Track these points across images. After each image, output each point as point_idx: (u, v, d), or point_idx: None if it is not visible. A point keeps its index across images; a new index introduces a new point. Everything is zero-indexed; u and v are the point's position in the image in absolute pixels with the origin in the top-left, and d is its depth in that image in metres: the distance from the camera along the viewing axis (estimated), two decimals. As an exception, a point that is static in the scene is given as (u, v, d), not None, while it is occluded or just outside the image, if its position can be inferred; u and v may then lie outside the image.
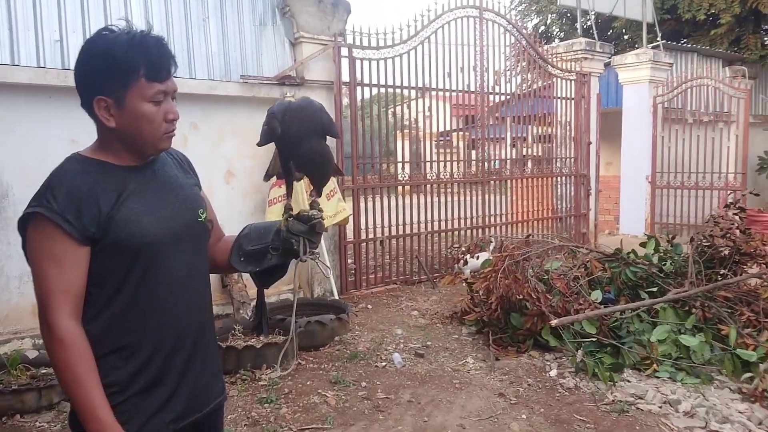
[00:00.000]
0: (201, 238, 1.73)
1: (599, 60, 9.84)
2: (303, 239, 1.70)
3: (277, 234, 1.75)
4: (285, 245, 1.73)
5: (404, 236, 7.62)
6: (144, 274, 1.54)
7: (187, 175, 1.78)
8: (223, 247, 1.85)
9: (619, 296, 5.40)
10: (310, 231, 1.71)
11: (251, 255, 1.77)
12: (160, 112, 1.55)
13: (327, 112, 1.76)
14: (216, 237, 1.88)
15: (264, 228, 1.80)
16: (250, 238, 1.79)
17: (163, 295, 1.58)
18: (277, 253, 1.75)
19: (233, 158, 6.04)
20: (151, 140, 1.57)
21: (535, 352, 5.09)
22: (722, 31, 13.34)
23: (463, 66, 7.90)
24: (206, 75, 5.88)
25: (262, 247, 1.76)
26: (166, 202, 1.62)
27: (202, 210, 1.73)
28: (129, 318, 1.53)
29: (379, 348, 5.25)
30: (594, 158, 9.79)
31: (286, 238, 1.71)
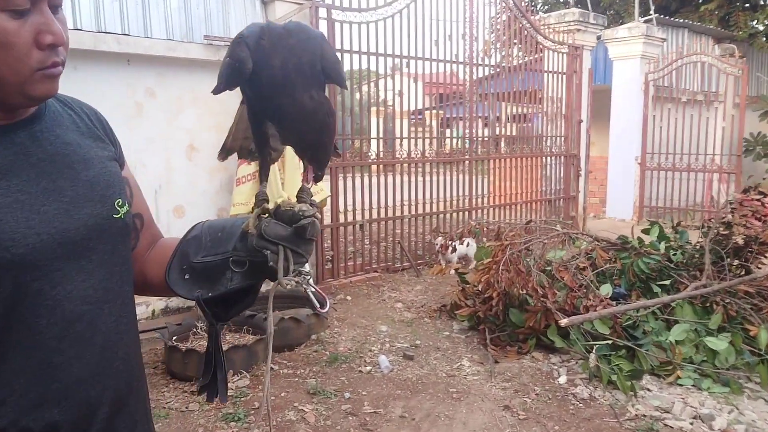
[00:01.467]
0: (119, 245, 1.07)
1: (592, 32, 9.25)
2: (284, 250, 1.05)
3: (243, 240, 1.10)
4: (254, 258, 1.08)
5: (386, 220, 6.97)
6: (11, 310, 0.89)
7: (98, 142, 1.11)
8: (158, 257, 1.20)
9: (631, 290, 4.84)
10: (295, 237, 1.05)
11: (201, 272, 1.12)
12: (25, 31, 0.87)
13: (329, 43, 1.09)
14: (147, 240, 1.23)
15: (223, 229, 1.15)
16: (201, 245, 1.14)
17: (51, 342, 0.94)
18: (241, 270, 1.10)
19: (196, 130, 5.30)
20: (14, 80, 0.89)
21: (539, 354, 4.52)
22: (712, 7, 12.85)
23: (451, 34, 7.22)
24: (164, 34, 5.11)
25: (218, 260, 1.11)
26: (55, 188, 0.97)
27: (122, 200, 1.07)
28: None
29: (362, 348, 4.62)
30: (584, 137, 9.23)
31: (256, 247, 1.06)
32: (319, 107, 1.06)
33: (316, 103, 1.05)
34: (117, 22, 4.83)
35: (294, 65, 1.01)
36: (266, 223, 1.05)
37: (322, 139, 1.11)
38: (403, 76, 7.13)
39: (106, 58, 4.78)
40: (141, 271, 1.20)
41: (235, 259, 1.10)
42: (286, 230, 1.05)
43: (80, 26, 4.61)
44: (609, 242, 5.30)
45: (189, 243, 1.16)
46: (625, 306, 4.32)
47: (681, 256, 5.27)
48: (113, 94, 4.88)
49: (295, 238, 1.05)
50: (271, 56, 1.01)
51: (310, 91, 1.04)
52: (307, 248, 1.08)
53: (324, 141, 1.12)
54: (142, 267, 1.20)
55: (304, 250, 1.07)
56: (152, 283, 1.20)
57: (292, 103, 1.03)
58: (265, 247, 1.04)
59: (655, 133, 10.48)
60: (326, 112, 1.08)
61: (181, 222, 5.29)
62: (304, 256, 1.08)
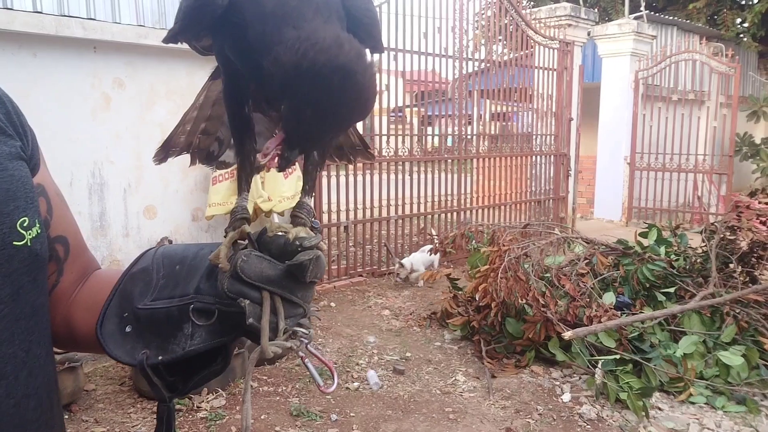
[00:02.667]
0: (26, 286, 0.72)
1: (583, 28, 8.98)
2: (271, 298, 0.71)
3: (210, 278, 0.76)
4: (227, 307, 0.73)
5: (371, 221, 6.63)
6: None
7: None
8: (89, 299, 0.85)
9: (635, 299, 4.55)
10: (288, 279, 0.71)
11: (149, 323, 0.78)
12: None
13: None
14: (75, 274, 0.87)
15: (183, 261, 0.80)
16: (151, 284, 0.79)
17: None
18: (206, 323, 0.75)
19: (168, 125, 4.86)
20: None
21: (538, 367, 4.22)
22: (700, 5, 12.67)
23: (440, 27, 6.89)
24: (134, 20, 4.70)
25: (173, 308, 0.77)
26: None
27: (29, 218, 0.72)
28: None
29: (349, 362, 4.28)
30: (575, 136, 8.97)
31: (228, 292, 0.71)
32: (351, 57, 0.63)
33: (345, 47, 0.63)
34: (82, 6, 4.41)
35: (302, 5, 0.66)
36: (245, 257, 0.71)
37: (349, 120, 0.70)
38: (385, 73, 6.80)
39: (70, 44, 4.37)
40: (65, 318, 0.84)
41: (198, 306, 0.75)
42: (274, 268, 0.71)
43: (41, 9, 4.20)
44: (609, 247, 5.01)
45: (134, 279, 0.81)
46: (631, 317, 4.03)
47: (683, 261, 5.00)
48: (78, 85, 4.46)
49: (287, 281, 0.71)
50: None
51: (332, 24, 0.67)
52: (306, 295, 0.73)
53: (349, 122, 0.71)
54: (68, 312, 0.84)
55: (302, 297, 0.73)
56: (79, 335, 0.84)
57: (296, 48, 0.63)
58: (242, 294, 0.70)
59: (644, 133, 10.25)
60: (368, 78, 0.65)
61: (152, 224, 4.90)
62: (302, 307, 0.73)
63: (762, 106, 12.03)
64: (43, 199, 0.81)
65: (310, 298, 0.75)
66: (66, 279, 0.85)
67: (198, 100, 0.95)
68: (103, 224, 4.64)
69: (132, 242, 4.82)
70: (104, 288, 0.83)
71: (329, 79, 0.62)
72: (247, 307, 0.69)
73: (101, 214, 4.62)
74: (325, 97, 0.63)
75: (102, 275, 0.89)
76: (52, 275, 0.83)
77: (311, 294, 0.75)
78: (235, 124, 0.83)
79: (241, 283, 0.70)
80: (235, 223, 0.78)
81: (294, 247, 0.71)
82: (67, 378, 3.47)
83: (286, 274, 0.71)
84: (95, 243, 4.59)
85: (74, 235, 0.88)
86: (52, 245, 0.81)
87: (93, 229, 4.58)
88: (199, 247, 0.82)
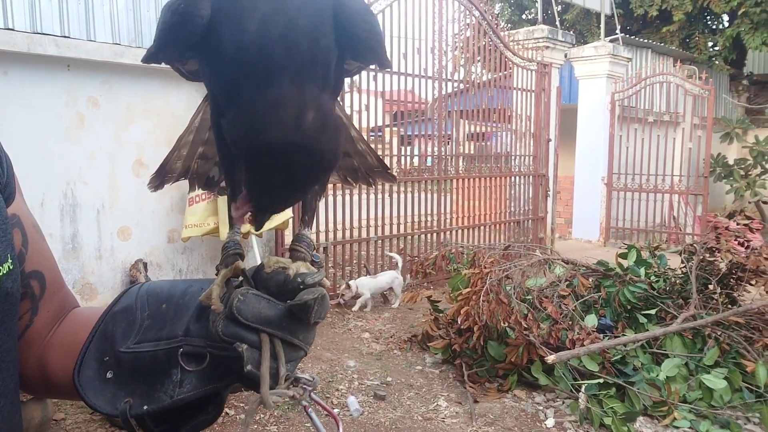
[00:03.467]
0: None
1: (560, 50, 9.08)
2: (272, 342, 0.64)
3: (201, 319, 0.69)
4: (220, 351, 0.67)
5: (350, 242, 6.55)
6: None
7: None
8: (66, 340, 0.77)
9: (617, 321, 4.53)
10: (290, 320, 0.65)
11: (134, 368, 0.70)
12: None
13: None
14: (52, 313, 0.80)
15: (170, 299, 0.73)
16: (135, 324, 0.73)
17: None
18: (197, 368, 0.68)
19: (145, 144, 4.80)
20: None
21: (521, 392, 4.16)
22: (674, 28, 12.92)
23: (420, 48, 6.90)
24: (110, 38, 4.62)
25: (160, 351, 0.70)
26: None
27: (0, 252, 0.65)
28: None
29: (329, 387, 4.18)
30: (553, 157, 9.02)
31: (223, 335, 0.64)
32: (311, 133, 0.58)
33: (308, 119, 0.58)
34: (56, 23, 4.33)
35: (280, 36, 0.59)
36: (241, 296, 0.64)
37: (312, 184, 0.65)
38: (363, 93, 6.78)
39: (43, 62, 4.27)
40: (39, 362, 0.77)
41: (188, 350, 0.68)
42: (274, 308, 0.64)
43: (12, 26, 4.10)
44: (589, 268, 4.99)
45: (115, 319, 0.74)
46: (614, 340, 4.00)
47: (663, 283, 5.01)
48: (51, 103, 4.36)
49: (288, 322, 0.65)
50: (244, 7, 0.60)
51: (302, 86, 0.60)
52: (308, 337, 0.67)
53: (313, 185, 0.66)
54: (42, 355, 0.77)
55: (303, 339, 0.66)
56: (55, 381, 0.77)
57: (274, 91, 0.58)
58: (238, 337, 0.63)
59: (621, 153, 10.35)
60: (333, 129, 0.61)
61: (127, 246, 4.78)
62: (303, 350, 0.67)
63: (735, 127, 12.25)
64: (18, 230, 0.74)
65: (312, 340, 0.69)
66: (41, 318, 0.78)
67: (193, 123, 0.88)
68: (75, 246, 4.51)
69: (105, 264, 4.70)
70: (83, 328, 0.76)
71: (286, 156, 0.58)
72: (244, 352, 0.63)
73: (73, 235, 4.50)
74: (283, 172, 0.60)
75: (80, 314, 0.82)
76: (25, 314, 0.76)
77: (313, 335, 0.69)
78: (224, 153, 0.77)
79: (237, 325, 0.63)
80: (227, 259, 0.72)
81: (295, 284, 0.65)
82: (35, 408, 3.33)
83: (287, 314, 0.64)
84: (67, 266, 4.46)
85: (51, 269, 0.81)
86: (26, 281, 0.74)
87: (64, 252, 4.45)
88: (188, 284, 0.75)
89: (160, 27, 0.64)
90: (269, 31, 0.58)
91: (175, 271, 5.10)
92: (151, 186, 0.87)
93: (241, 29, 0.60)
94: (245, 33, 0.59)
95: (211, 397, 0.71)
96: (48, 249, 0.82)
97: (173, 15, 0.62)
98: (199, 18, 0.61)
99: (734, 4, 12.15)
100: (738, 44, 12.78)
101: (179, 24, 0.62)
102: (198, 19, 0.61)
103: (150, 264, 4.89)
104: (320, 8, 0.62)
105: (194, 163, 0.89)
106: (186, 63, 0.74)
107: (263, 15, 0.59)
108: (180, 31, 0.63)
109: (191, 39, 0.63)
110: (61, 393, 0.79)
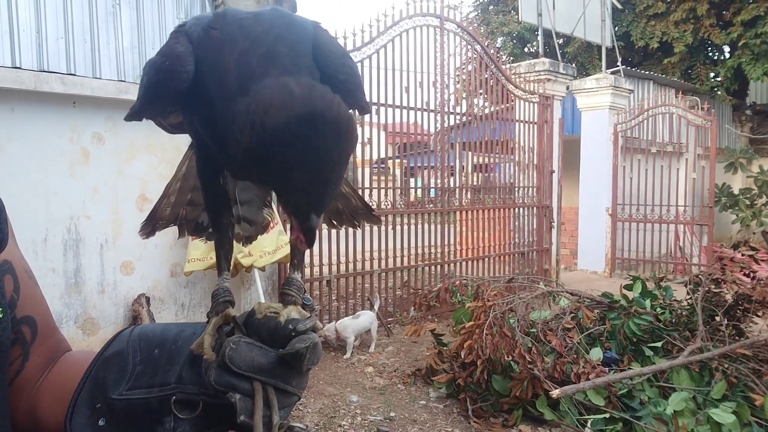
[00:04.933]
0: None
1: (562, 82, 9.15)
2: (265, 390, 0.64)
3: (194, 366, 0.69)
4: (213, 399, 0.67)
5: (354, 275, 6.54)
6: None
7: None
8: (57, 386, 0.77)
9: (622, 354, 4.48)
10: (282, 368, 0.65)
11: (126, 415, 0.70)
12: None
13: (329, 34, 0.68)
14: (43, 358, 0.80)
15: (163, 344, 0.73)
16: (127, 370, 0.72)
17: None
18: (190, 416, 0.68)
19: (148, 179, 4.84)
20: None
21: (526, 426, 4.10)
22: (675, 60, 13.02)
23: (422, 81, 6.97)
24: (114, 75, 4.69)
25: (153, 399, 0.69)
26: None
27: None
28: None
29: (331, 423, 4.13)
30: (557, 188, 9.02)
31: (215, 385, 0.64)
32: (318, 98, 0.56)
33: (311, 92, 0.57)
34: (62, 61, 4.40)
35: (261, 55, 0.61)
36: (233, 345, 0.64)
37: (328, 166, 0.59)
38: (369, 126, 6.83)
39: (49, 99, 4.34)
40: (30, 408, 0.76)
41: (181, 398, 0.68)
42: (266, 356, 0.64)
43: (20, 64, 4.17)
44: (594, 300, 4.95)
45: (107, 364, 0.73)
46: (620, 374, 3.95)
47: (669, 314, 4.96)
48: (56, 140, 4.41)
49: (281, 369, 0.64)
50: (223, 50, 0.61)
51: (295, 75, 0.60)
52: (301, 383, 0.67)
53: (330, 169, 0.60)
54: (33, 402, 0.76)
55: (296, 386, 0.66)
56: (46, 427, 0.76)
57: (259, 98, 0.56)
58: (231, 386, 0.63)
59: (625, 184, 10.35)
60: (335, 109, 0.58)
61: (130, 280, 4.78)
62: (296, 396, 0.67)
63: (738, 157, 12.25)
64: (9, 276, 0.74)
65: (305, 385, 0.68)
66: (32, 363, 0.77)
67: (180, 171, 0.90)
68: (78, 281, 4.52)
69: (108, 299, 4.69)
70: (74, 374, 0.75)
71: (294, 136, 0.55)
72: (237, 402, 0.63)
73: (76, 270, 4.51)
74: (303, 152, 0.56)
75: (72, 359, 0.81)
76: (16, 360, 0.75)
77: (306, 381, 0.68)
78: (210, 198, 0.78)
79: (229, 374, 0.63)
80: (217, 307, 0.72)
81: (287, 331, 0.65)
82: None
83: (279, 361, 0.64)
84: (69, 300, 4.46)
85: (43, 315, 0.81)
86: (17, 327, 0.74)
87: (67, 287, 4.46)
88: (180, 328, 0.75)
89: (145, 85, 0.66)
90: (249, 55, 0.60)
91: (177, 306, 5.09)
92: (143, 233, 0.89)
93: (225, 72, 0.61)
94: (225, 67, 0.60)
95: None
96: (40, 294, 0.82)
97: (158, 73, 0.64)
98: (185, 74, 0.62)
99: (734, 35, 12.26)
100: (739, 75, 12.85)
101: (165, 81, 0.64)
102: (184, 75, 0.62)
103: (152, 298, 4.89)
104: (298, 42, 0.63)
105: (183, 210, 0.90)
106: (168, 117, 0.75)
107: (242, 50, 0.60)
108: (165, 88, 0.64)
109: (176, 95, 0.64)
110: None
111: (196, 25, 0.65)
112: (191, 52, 0.63)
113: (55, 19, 4.40)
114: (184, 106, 0.67)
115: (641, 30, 13.19)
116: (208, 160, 0.74)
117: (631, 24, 13.40)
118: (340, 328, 5.68)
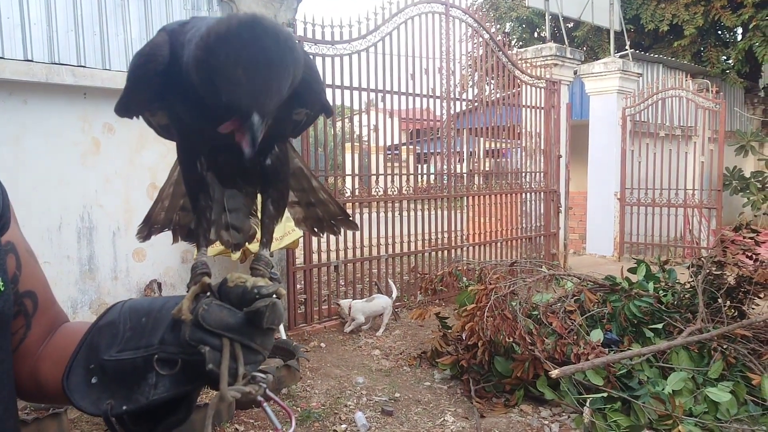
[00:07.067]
0: None
1: (569, 67, 9.15)
2: (231, 345, 0.73)
3: (174, 330, 0.78)
4: (189, 356, 0.76)
5: (361, 260, 6.64)
6: None
7: None
8: (56, 352, 0.88)
9: (623, 336, 4.55)
10: (247, 326, 0.74)
11: (115, 374, 0.80)
12: None
13: (300, 47, 0.73)
14: (44, 327, 0.90)
15: (149, 313, 0.82)
16: (118, 336, 0.82)
17: None
18: (170, 372, 0.77)
19: (158, 168, 4.95)
20: None
21: (527, 406, 4.20)
22: (686, 42, 12.92)
23: (427, 68, 7.02)
24: (124, 66, 4.79)
25: (138, 358, 0.79)
26: None
27: None
28: None
29: (337, 404, 4.25)
30: (564, 173, 9.06)
31: (190, 340, 0.74)
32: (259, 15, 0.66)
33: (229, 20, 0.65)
34: (72, 53, 4.51)
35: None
36: (205, 306, 0.74)
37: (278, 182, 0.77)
38: (378, 111, 6.89)
39: (61, 91, 4.46)
40: (33, 372, 0.87)
41: (162, 356, 0.77)
42: (233, 316, 0.74)
43: (31, 57, 4.29)
44: (596, 283, 5.03)
45: (101, 332, 0.83)
46: (619, 354, 4.03)
47: (671, 297, 5.02)
48: (68, 130, 4.54)
49: (246, 328, 0.74)
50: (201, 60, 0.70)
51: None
52: (264, 342, 0.76)
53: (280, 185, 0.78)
54: (35, 366, 0.87)
55: (260, 344, 0.75)
56: (47, 388, 0.87)
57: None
58: (202, 341, 0.73)
59: (633, 168, 10.36)
60: (271, 20, 0.67)
61: (142, 267, 4.92)
62: (260, 353, 0.76)
63: (749, 140, 12.19)
64: (12, 255, 0.84)
65: (269, 345, 0.77)
66: (34, 333, 0.88)
67: (172, 177, 0.98)
68: (91, 268, 4.66)
69: (121, 285, 4.83)
70: (71, 341, 0.85)
71: (235, 36, 0.64)
72: (207, 353, 0.72)
73: (90, 257, 4.64)
74: (245, 56, 0.64)
75: (69, 328, 0.92)
76: (20, 329, 0.86)
77: (270, 341, 0.77)
78: (189, 182, 0.87)
79: (202, 331, 0.73)
80: (196, 278, 0.81)
81: (252, 295, 0.74)
82: (51, 425, 3.45)
83: (245, 321, 0.74)
84: (83, 287, 4.60)
85: (43, 289, 0.91)
86: (20, 300, 0.85)
87: (81, 273, 4.60)
88: (165, 300, 0.84)
89: (130, 69, 0.76)
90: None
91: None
92: (140, 237, 0.97)
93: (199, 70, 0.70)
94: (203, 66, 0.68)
95: (183, 398, 0.80)
96: (40, 271, 0.93)
97: (140, 57, 0.75)
98: (161, 57, 0.73)
99: (746, 17, 12.14)
100: (751, 57, 12.74)
101: (146, 63, 0.75)
102: (160, 58, 0.73)
103: (164, 284, 5.02)
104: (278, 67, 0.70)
105: (176, 215, 0.99)
106: (156, 114, 0.85)
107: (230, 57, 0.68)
108: (146, 70, 0.75)
109: (156, 78, 0.74)
110: (52, 398, 0.89)
111: (175, 23, 0.76)
112: (167, 42, 0.74)
113: (65, 12, 4.50)
114: (167, 95, 0.77)
115: (651, 13, 13.09)
116: (187, 145, 0.83)
117: (641, 7, 13.30)
118: (353, 308, 5.91)
